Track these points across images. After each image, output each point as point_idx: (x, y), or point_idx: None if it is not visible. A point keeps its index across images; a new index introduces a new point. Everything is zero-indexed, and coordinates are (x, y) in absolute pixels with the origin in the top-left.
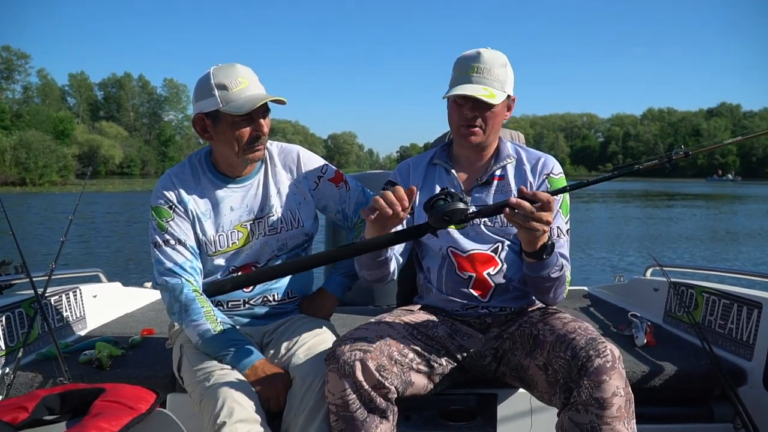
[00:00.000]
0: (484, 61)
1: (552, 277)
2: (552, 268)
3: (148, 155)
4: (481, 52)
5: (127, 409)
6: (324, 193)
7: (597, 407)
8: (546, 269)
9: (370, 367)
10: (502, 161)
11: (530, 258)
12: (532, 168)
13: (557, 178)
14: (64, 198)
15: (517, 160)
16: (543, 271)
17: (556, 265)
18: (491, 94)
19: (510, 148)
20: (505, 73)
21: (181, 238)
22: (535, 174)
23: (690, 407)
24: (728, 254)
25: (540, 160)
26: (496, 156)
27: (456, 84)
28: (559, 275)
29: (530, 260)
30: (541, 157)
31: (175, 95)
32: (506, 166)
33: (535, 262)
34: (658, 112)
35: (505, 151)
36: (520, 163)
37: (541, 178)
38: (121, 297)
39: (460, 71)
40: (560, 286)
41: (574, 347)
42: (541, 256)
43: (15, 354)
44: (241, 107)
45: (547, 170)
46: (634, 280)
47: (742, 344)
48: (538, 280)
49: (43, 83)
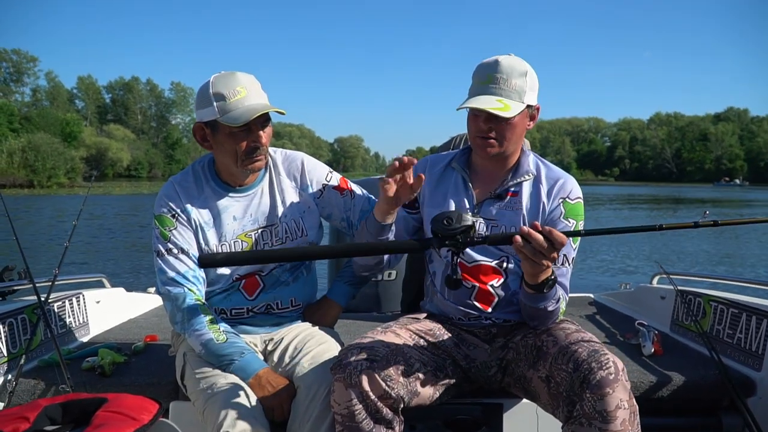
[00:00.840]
0: (501, 71)
1: (548, 310)
2: (549, 302)
3: (155, 158)
4: (499, 60)
5: (129, 420)
6: (329, 201)
7: (600, 420)
8: (543, 302)
9: (377, 377)
10: (519, 177)
11: (530, 289)
12: (549, 189)
13: (573, 203)
14: (71, 200)
15: (535, 177)
16: (540, 303)
17: (554, 299)
18: (506, 107)
19: (531, 163)
20: (524, 83)
21: (183, 247)
22: (550, 196)
23: (698, 418)
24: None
25: (558, 182)
26: (515, 170)
27: (472, 94)
28: (554, 309)
29: (530, 291)
30: (560, 179)
31: (182, 98)
32: (523, 183)
33: (534, 294)
34: (665, 117)
35: (525, 166)
36: (537, 182)
37: (556, 201)
38: (125, 303)
39: (477, 81)
40: (551, 318)
41: (576, 359)
42: (542, 289)
43: (17, 360)
44: (237, 118)
45: (564, 194)
46: (640, 287)
47: (751, 354)
48: (532, 310)
49: (51, 86)
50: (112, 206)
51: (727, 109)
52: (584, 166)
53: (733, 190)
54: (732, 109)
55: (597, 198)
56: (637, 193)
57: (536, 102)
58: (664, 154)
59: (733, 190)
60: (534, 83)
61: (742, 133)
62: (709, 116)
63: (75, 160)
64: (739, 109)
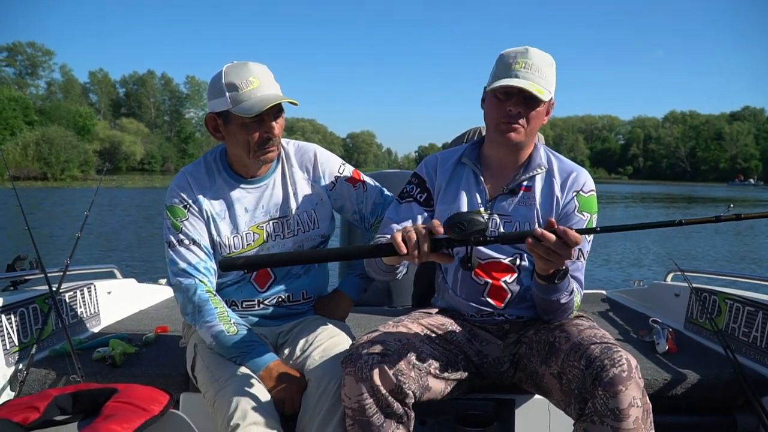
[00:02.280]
0: (532, 57)
1: (561, 302)
2: (562, 294)
3: (168, 152)
4: (529, 49)
5: (139, 411)
6: (341, 194)
7: (613, 419)
8: (556, 293)
9: (388, 372)
10: (532, 171)
11: (542, 280)
12: (562, 182)
13: (587, 196)
14: (84, 193)
15: (547, 171)
16: (552, 295)
17: (566, 291)
18: (540, 90)
19: (543, 156)
20: (552, 74)
21: (195, 238)
22: (564, 189)
23: (713, 416)
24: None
25: (571, 175)
26: (528, 164)
27: (500, 78)
28: (568, 301)
29: (541, 282)
30: (573, 171)
31: (196, 92)
32: (535, 177)
33: (546, 285)
34: (680, 115)
35: (537, 159)
36: (550, 175)
37: (570, 194)
38: (136, 294)
39: (505, 65)
40: (566, 311)
41: (589, 356)
42: (552, 279)
43: (28, 350)
44: (249, 109)
45: (578, 187)
46: (654, 284)
47: (767, 353)
48: (545, 303)
49: (65, 80)
50: (123, 199)
51: (743, 108)
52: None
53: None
54: (748, 108)
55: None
56: (651, 192)
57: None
58: (679, 152)
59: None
60: (555, 77)
61: (758, 133)
62: (724, 115)
63: (88, 153)
64: (755, 108)
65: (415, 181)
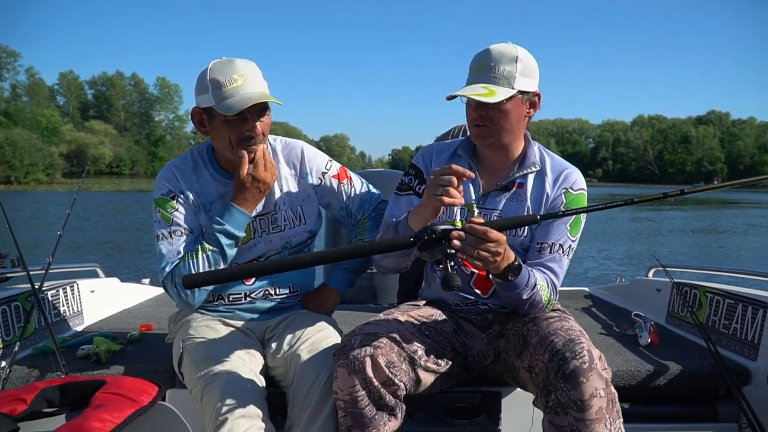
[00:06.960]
0: (490, 58)
1: (523, 298)
2: (521, 289)
3: (138, 155)
4: (489, 48)
5: (128, 401)
6: (328, 190)
7: (575, 410)
8: (515, 290)
9: (381, 364)
10: (526, 169)
11: (497, 278)
12: (554, 180)
13: (575, 194)
14: (49, 196)
15: (540, 168)
16: (512, 291)
17: (527, 286)
18: (491, 93)
19: (536, 155)
20: (514, 68)
21: (187, 226)
22: (555, 186)
23: (694, 407)
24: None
25: (563, 173)
26: (522, 162)
27: (466, 84)
28: (531, 295)
29: (497, 281)
30: (565, 169)
31: (167, 95)
32: (528, 175)
33: (502, 283)
34: (647, 119)
35: (532, 157)
36: (543, 173)
37: (559, 191)
38: (119, 292)
39: (470, 70)
40: (535, 306)
41: (552, 349)
42: (506, 277)
43: (11, 348)
44: (231, 107)
45: (567, 184)
46: (636, 280)
47: (746, 344)
48: (507, 299)
49: (31, 82)
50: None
51: (708, 112)
52: None
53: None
54: (714, 112)
55: None
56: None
57: (535, 88)
58: (647, 155)
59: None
60: (527, 69)
61: (723, 136)
62: (690, 119)
63: (54, 157)
64: (720, 112)
65: (413, 172)
